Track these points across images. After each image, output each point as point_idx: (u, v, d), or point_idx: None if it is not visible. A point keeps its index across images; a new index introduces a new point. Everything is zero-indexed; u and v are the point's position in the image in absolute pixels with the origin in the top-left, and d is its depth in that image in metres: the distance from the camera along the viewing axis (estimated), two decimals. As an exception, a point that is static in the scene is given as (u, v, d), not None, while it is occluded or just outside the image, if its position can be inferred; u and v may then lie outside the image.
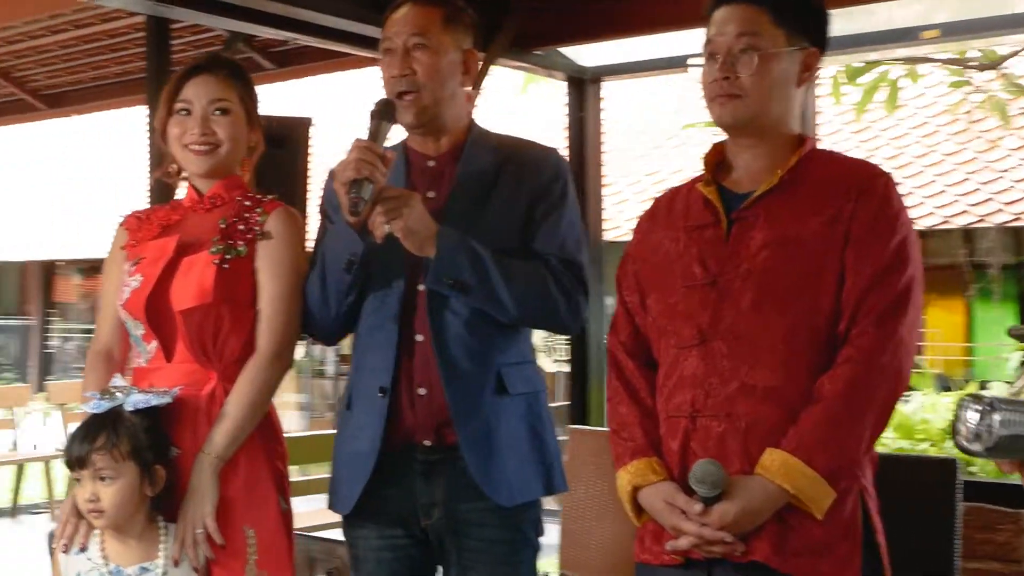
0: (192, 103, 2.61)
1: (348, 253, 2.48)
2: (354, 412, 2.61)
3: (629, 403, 2.34)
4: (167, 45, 5.02)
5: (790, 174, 2.24)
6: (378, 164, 2.39)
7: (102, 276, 2.73)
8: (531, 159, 2.63)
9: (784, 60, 2.24)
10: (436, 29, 2.58)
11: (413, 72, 2.55)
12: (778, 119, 2.29)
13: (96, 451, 2.41)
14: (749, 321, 2.18)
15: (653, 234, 2.40)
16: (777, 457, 2.11)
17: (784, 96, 2.27)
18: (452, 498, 2.53)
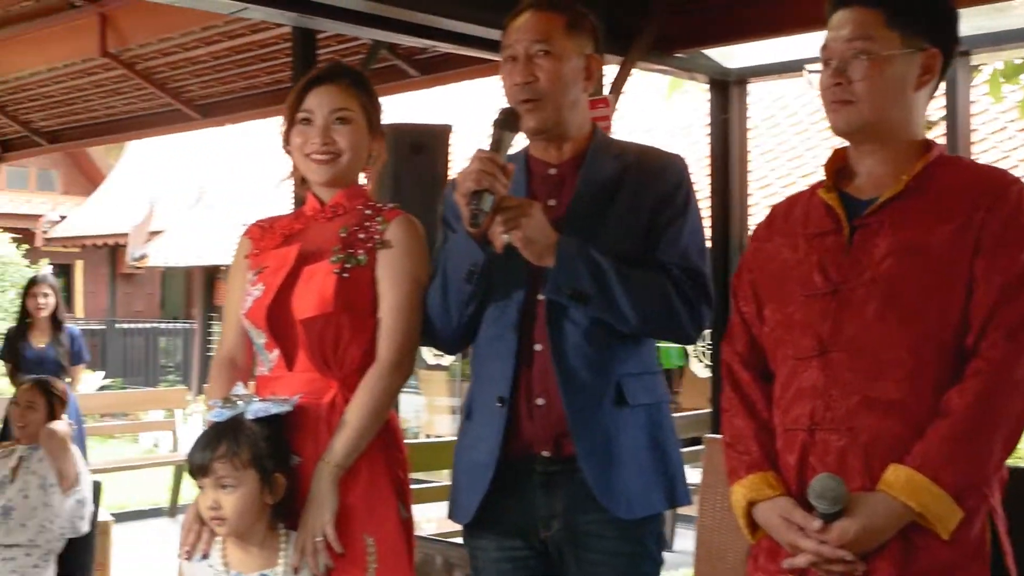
0: (314, 112, 2.62)
1: (469, 263, 2.47)
2: (474, 422, 2.59)
3: (745, 416, 2.27)
4: (313, 55, 5.13)
5: (916, 180, 2.15)
6: (499, 175, 2.37)
7: (227, 284, 2.77)
8: (654, 166, 2.58)
9: (899, 64, 2.15)
10: (559, 35, 2.55)
11: (536, 79, 2.52)
12: (897, 124, 2.19)
13: (217, 459, 2.43)
14: (873, 332, 2.09)
15: (770, 242, 2.33)
16: (902, 473, 2.02)
17: (901, 101, 2.17)
18: (571, 510, 2.49)
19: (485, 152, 2.41)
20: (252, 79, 7.18)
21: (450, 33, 4.91)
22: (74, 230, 21.09)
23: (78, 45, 6.93)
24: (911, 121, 2.20)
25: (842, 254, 2.17)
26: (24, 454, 4.52)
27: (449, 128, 4.54)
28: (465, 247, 2.47)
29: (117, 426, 12.35)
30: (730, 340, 2.37)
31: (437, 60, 6.28)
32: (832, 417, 2.11)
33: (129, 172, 22.43)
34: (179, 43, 6.69)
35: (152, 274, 22.56)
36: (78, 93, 7.95)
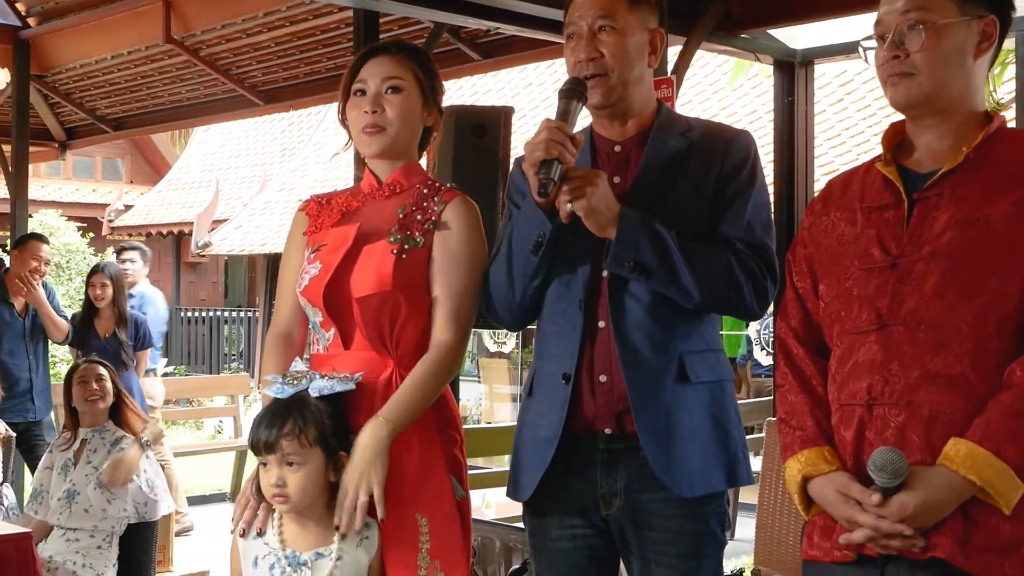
0: (367, 82, 2.60)
1: (535, 234, 2.44)
2: (536, 399, 2.57)
3: (799, 391, 2.23)
4: (375, 38, 5.12)
5: (976, 152, 2.09)
6: (568, 144, 2.35)
7: (282, 259, 2.75)
8: (720, 142, 2.54)
9: (957, 32, 2.09)
10: (622, 10, 2.51)
11: (600, 55, 2.49)
12: (958, 95, 2.13)
13: (284, 436, 2.41)
14: (933, 306, 2.05)
15: (826, 216, 2.28)
16: (963, 447, 1.97)
17: (961, 71, 2.11)
18: (633, 488, 2.46)
19: (553, 121, 2.38)
20: (314, 64, 7.20)
21: (512, 14, 4.89)
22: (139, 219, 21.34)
23: (142, 32, 6.99)
24: (972, 91, 2.14)
25: (901, 227, 2.13)
26: (87, 436, 4.56)
27: (511, 110, 4.50)
28: (533, 217, 2.44)
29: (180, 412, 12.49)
30: (784, 316, 2.33)
31: (499, 43, 6.26)
32: (891, 391, 2.07)
33: (194, 161, 22.67)
34: (242, 28, 6.73)
35: (216, 262, 22.80)
36: (142, 80, 8.03)
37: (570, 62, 2.55)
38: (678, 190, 2.48)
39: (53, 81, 8.42)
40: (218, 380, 13.97)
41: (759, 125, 11.62)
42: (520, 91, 15.70)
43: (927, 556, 2.00)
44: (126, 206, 21.66)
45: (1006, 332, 2.02)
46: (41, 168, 20.27)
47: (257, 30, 6.74)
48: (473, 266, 2.58)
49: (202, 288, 23.42)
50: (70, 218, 16.42)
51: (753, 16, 5.20)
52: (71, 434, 4.63)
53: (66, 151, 9.68)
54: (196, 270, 23.31)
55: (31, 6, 7.45)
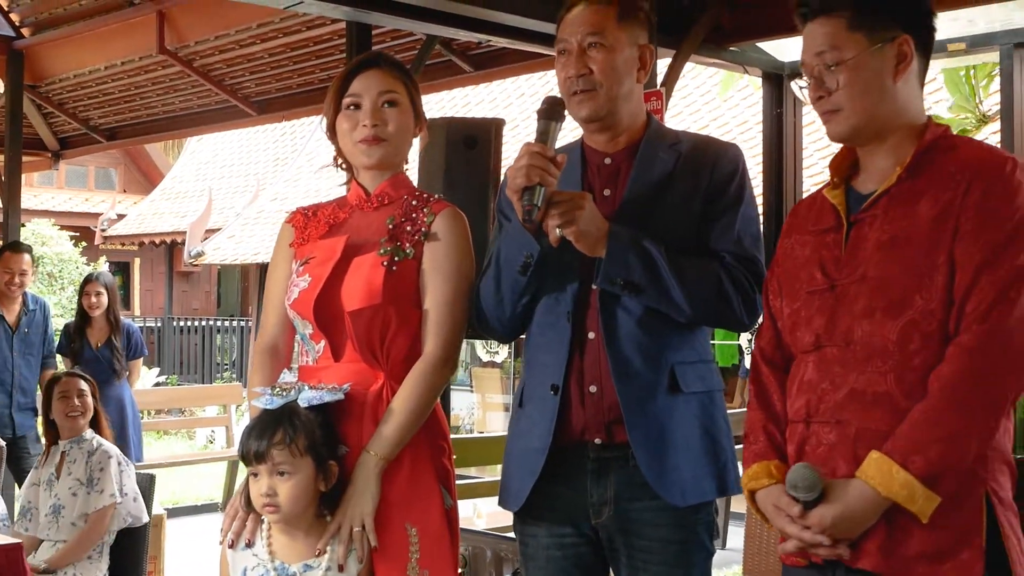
0: (361, 96, 2.62)
1: (524, 255, 2.47)
2: (526, 409, 2.59)
3: (757, 407, 2.31)
4: (368, 50, 5.13)
5: (910, 170, 2.14)
6: (549, 168, 2.38)
7: (269, 271, 2.76)
8: (708, 155, 2.57)
9: (869, 62, 2.14)
10: (611, 26, 2.54)
11: (589, 71, 2.52)
12: (889, 118, 2.17)
13: (275, 446, 2.42)
14: (861, 326, 2.11)
15: (788, 238, 2.36)
16: (873, 459, 2.03)
17: (884, 96, 2.15)
18: (622, 497, 2.49)
19: (533, 145, 2.41)
20: (307, 75, 7.23)
21: (504, 27, 4.92)
22: (132, 228, 21.34)
23: (136, 42, 7.02)
24: (904, 110, 2.18)
25: (840, 250, 2.19)
26: (66, 448, 4.55)
27: (502, 122, 4.53)
28: (520, 239, 2.47)
29: (172, 422, 12.50)
30: (758, 334, 2.41)
31: (491, 55, 6.29)
32: (824, 409, 2.15)
33: (187, 170, 22.68)
34: (235, 40, 6.76)
35: (209, 272, 22.80)
36: (135, 90, 8.05)
37: (560, 77, 2.59)
38: (667, 202, 2.51)
39: (47, 91, 8.44)
40: (210, 390, 13.99)
41: (749, 136, 11.66)
42: (512, 102, 15.74)
43: (856, 566, 2.06)
44: (119, 215, 21.67)
45: (930, 348, 2.06)
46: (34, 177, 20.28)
47: (250, 41, 6.77)
48: (462, 278, 2.60)
49: (195, 297, 23.41)
50: (63, 227, 16.43)
51: (741, 29, 5.24)
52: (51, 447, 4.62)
53: (59, 161, 9.69)
54: (189, 279, 23.32)
55: (25, 17, 7.48)
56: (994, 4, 4.61)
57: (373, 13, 4.72)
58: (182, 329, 19.27)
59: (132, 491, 4.51)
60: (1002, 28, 5.02)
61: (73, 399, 4.58)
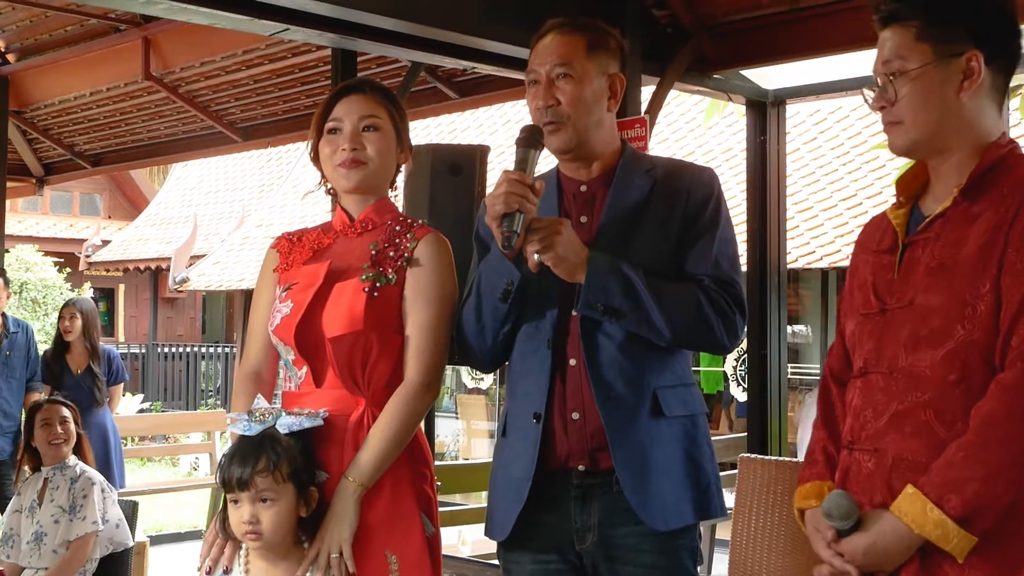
0: (342, 120, 2.62)
1: (504, 282, 2.47)
2: (509, 439, 2.59)
3: (820, 426, 2.27)
4: (353, 76, 5.15)
5: (968, 191, 2.07)
6: (528, 195, 2.38)
7: (253, 296, 2.75)
8: (683, 179, 2.58)
9: (932, 75, 2.08)
10: (580, 57, 2.55)
11: (557, 102, 2.54)
12: (953, 134, 2.10)
13: (259, 473, 2.40)
14: (904, 354, 2.07)
15: (855, 257, 2.31)
16: (908, 495, 1.99)
17: (947, 111, 2.09)
18: (606, 523, 2.48)
19: (512, 172, 2.42)
20: (293, 101, 7.25)
21: (489, 54, 4.94)
22: (117, 254, 21.29)
23: (121, 68, 7.03)
24: (971, 128, 2.10)
25: (892, 273, 2.14)
26: (49, 475, 4.52)
27: (487, 149, 4.54)
28: (500, 266, 2.47)
29: (156, 449, 12.43)
30: (829, 353, 2.36)
31: (476, 82, 6.32)
32: (865, 437, 2.11)
33: (173, 196, 22.65)
34: (221, 66, 6.77)
35: (194, 298, 22.73)
36: (121, 116, 8.05)
37: (531, 107, 2.60)
38: (644, 228, 2.52)
39: (32, 117, 8.44)
40: (195, 416, 13.93)
41: (735, 163, 11.72)
42: (498, 128, 15.78)
43: None
44: (104, 241, 21.61)
45: (972, 380, 2.00)
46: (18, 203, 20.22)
47: (236, 67, 6.78)
48: (444, 303, 2.59)
49: (179, 323, 23.34)
50: (47, 253, 16.37)
51: (725, 57, 5.28)
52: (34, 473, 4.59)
53: (44, 186, 9.67)
54: (173, 305, 23.24)
55: (11, 43, 7.47)
56: None
57: (358, 40, 4.74)
58: (167, 355, 19.19)
59: (115, 517, 4.49)
60: None
61: (55, 427, 4.56)
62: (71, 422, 4.60)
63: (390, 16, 4.43)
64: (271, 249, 2.73)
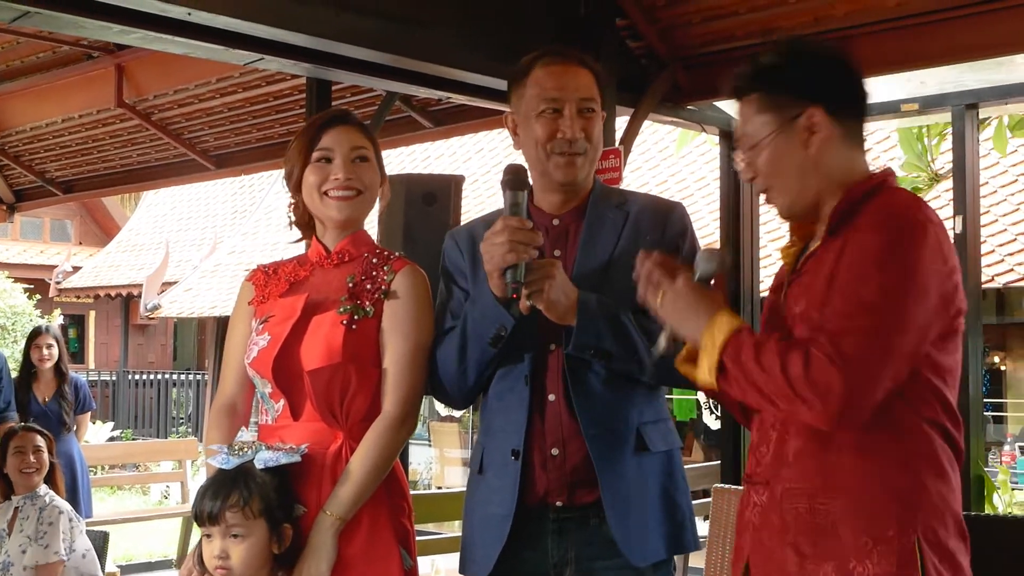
0: (333, 150, 2.60)
1: (495, 327, 2.46)
2: (485, 476, 2.58)
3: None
4: (328, 105, 5.17)
5: (830, 229, 2.12)
6: (532, 241, 2.37)
7: (228, 328, 2.73)
8: (658, 215, 2.59)
9: (778, 142, 2.15)
10: (597, 93, 2.58)
11: (584, 135, 2.54)
12: (819, 189, 2.16)
13: (229, 508, 2.39)
14: None
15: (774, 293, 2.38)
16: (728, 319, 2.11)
17: (803, 171, 2.15)
18: (584, 556, 2.48)
19: (512, 220, 2.39)
20: (267, 130, 7.24)
21: (464, 84, 4.95)
22: (87, 280, 21.15)
23: (94, 95, 7.01)
24: (833, 177, 2.15)
25: (776, 310, 2.21)
26: (19, 504, 4.48)
27: (461, 179, 4.56)
28: (492, 312, 2.45)
29: (126, 477, 12.32)
30: None
31: (450, 111, 6.33)
32: (760, 472, 2.18)
33: (144, 223, 22.56)
34: (194, 94, 6.76)
35: (165, 325, 22.59)
36: (93, 143, 8.03)
37: (541, 134, 2.55)
38: (621, 263, 2.50)
39: (3, 143, 8.40)
40: (165, 445, 13.79)
41: (707, 192, 11.78)
42: (472, 156, 15.80)
43: None
44: (74, 268, 21.46)
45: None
46: (-12, 229, 20.08)
47: (210, 95, 6.77)
48: (421, 335, 2.57)
49: (150, 350, 23.18)
50: (17, 279, 16.23)
51: (699, 89, 5.31)
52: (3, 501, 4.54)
53: (14, 213, 9.61)
54: (145, 332, 23.08)
55: (-18, 69, 7.45)
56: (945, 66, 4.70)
57: (333, 69, 4.74)
58: (137, 383, 19.06)
59: (82, 547, 4.44)
60: (953, 89, 5.12)
61: (28, 455, 4.52)
62: (44, 451, 4.57)
63: (365, 47, 4.43)
64: (246, 282, 2.71)
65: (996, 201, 10.83)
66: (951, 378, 2.09)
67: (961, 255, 5.00)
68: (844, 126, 2.17)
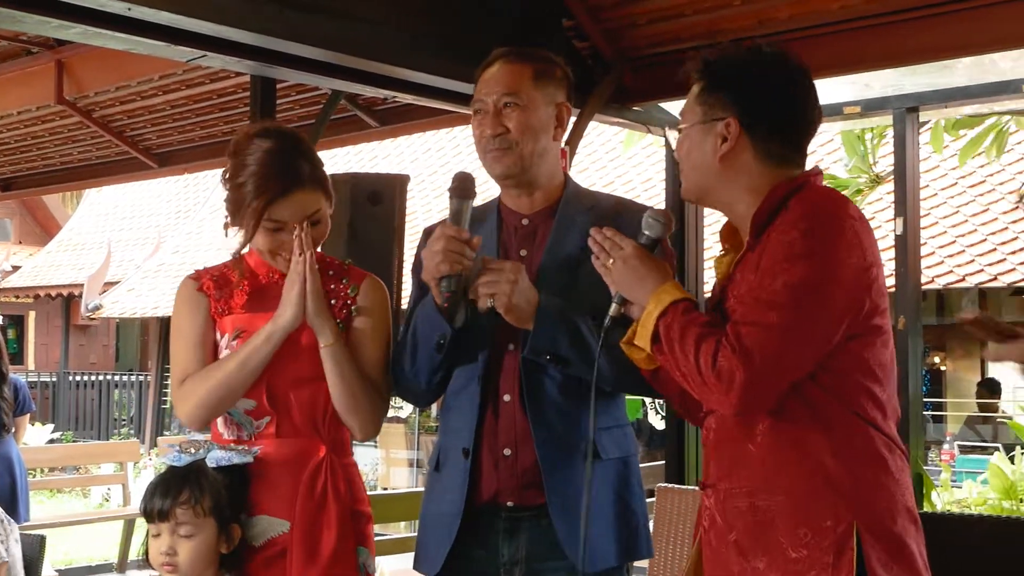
0: (287, 222, 2.53)
1: (436, 335, 2.47)
2: (441, 473, 2.60)
3: None
4: (272, 104, 5.11)
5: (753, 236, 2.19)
6: (465, 252, 2.39)
7: (176, 330, 2.64)
8: (626, 218, 2.57)
9: (696, 135, 2.26)
10: (527, 86, 2.56)
11: (506, 130, 2.53)
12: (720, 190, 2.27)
13: (179, 505, 2.40)
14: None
15: None
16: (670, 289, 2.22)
17: (708, 171, 2.26)
18: (534, 557, 2.49)
19: (449, 228, 2.41)
20: (210, 128, 7.16)
21: (410, 84, 4.93)
22: (27, 280, 20.88)
23: (33, 92, 6.88)
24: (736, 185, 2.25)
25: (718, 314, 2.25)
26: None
27: (406, 179, 4.54)
28: (433, 319, 2.47)
29: (66, 480, 12.15)
30: None
31: (396, 111, 6.29)
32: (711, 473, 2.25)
33: (86, 222, 22.30)
34: (136, 91, 6.66)
35: (107, 325, 22.35)
36: (33, 140, 7.89)
37: (475, 135, 2.60)
38: (586, 267, 2.48)
39: (-60, 141, 8.25)
40: (107, 447, 13.61)
41: (654, 192, 11.85)
42: (419, 156, 15.78)
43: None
44: (13, 267, 21.20)
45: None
46: (-75, 228, 19.73)
47: (152, 93, 6.67)
48: (386, 344, 2.63)
49: (92, 351, 22.92)
50: (-46, 279, 15.98)
51: (644, 90, 5.32)
52: None
53: (-48, 211, 9.46)
54: (86, 333, 22.83)
55: (-82, 65, 7.30)
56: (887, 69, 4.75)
57: (277, 67, 4.69)
58: (78, 384, 18.83)
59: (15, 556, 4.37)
60: (894, 93, 5.18)
61: None
62: None
63: (310, 44, 4.39)
64: (196, 292, 2.64)
65: (936, 203, 10.99)
66: (882, 372, 2.14)
67: (901, 257, 5.08)
68: (762, 143, 2.23)
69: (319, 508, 2.50)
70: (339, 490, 2.53)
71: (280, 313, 2.50)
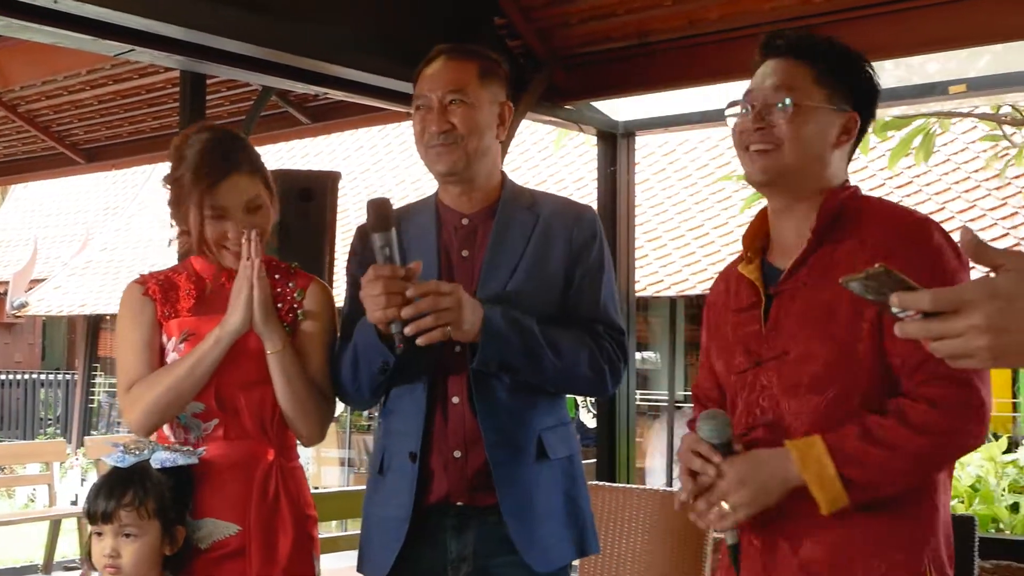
0: (228, 208, 2.54)
1: (379, 360, 2.45)
2: (386, 477, 2.58)
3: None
4: (202, 99, 5.07)
5: (818, 236, 2.12)
6: (404, 290, 2.32)
7: (121, 335, 2.62)
8: (568, 219, 2.59)
9: (821, 117, 2.14)
10: (473, 83, 2.55)
11: (452, 126, 2.52)
12: (812, 178, 2.16)
13: (123, 507, 2.39)
14: (787, 404, 2.10)
15: (712, 317, 2.35)
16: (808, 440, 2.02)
17: (819, 155, 2.15)
18: (482, 552, 2.49)
19: (384, 270, 2.34)
20: (139, 123, 7.07)
21: (341, 80, 4.91)
22: (-50, 277, 20.47)
23: (-43, 86, 6.76)
24: (825, 176, 2.17)
25: (759, 325, 2.16)
26: None
27: (337, 175, 4.52)
28: (376, 346, 2.43)
29: (-10, 480, 11.93)
30: (695, 382, 2.41)
31: (328, 107, 6.26)
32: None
33: (11, 217, 21.90)
34: (63, 85, 6.58)
35: (33, 323, 21.96)
36: (-43, 135, 7.75)
37: (417, 131, 2.57)
38: (528, 264, 2.52)
39: None
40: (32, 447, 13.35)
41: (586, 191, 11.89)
42: (351, 153, 15.70)
43: None
44: (-64, 264, 20.74)
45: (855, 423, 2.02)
46: None
47: (79, 87, 6.58)
48: (333, 349, 2.63)
49: (17, 350, 22.51)
50: None
51: (576, 89, 5.35)
52: None
53: None
54: (12, 331, 22.41)
55: None
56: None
57: (207, 63, 4.65)
58: (3, 383, 18.47)
59: None
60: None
61: None
62: None
63: (240, 40, 4.36)
64: (142, 296, 2.62)
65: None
66: None
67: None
68: (854, 146, 2.22)
69: (272, 512, 2.51)
70: (291, 493, 2.55)
71: (228, 318, 2.50)
